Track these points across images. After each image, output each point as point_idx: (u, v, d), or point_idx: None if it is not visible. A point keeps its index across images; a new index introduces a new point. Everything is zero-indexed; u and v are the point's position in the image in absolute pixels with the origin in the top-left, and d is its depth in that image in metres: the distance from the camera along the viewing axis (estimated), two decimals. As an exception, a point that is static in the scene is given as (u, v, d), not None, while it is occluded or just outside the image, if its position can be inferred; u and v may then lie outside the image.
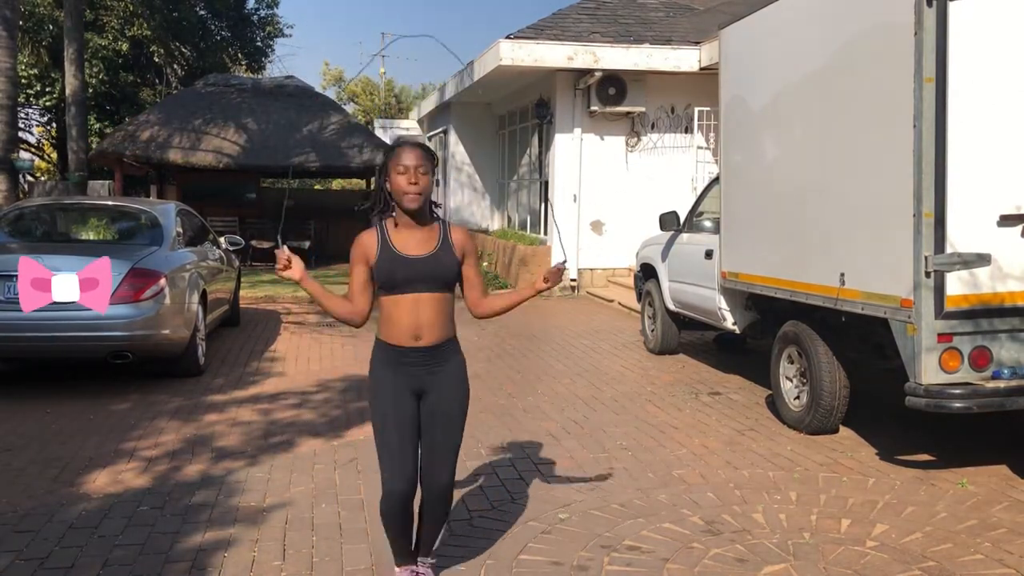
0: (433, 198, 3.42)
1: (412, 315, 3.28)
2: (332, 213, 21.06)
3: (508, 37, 13.34)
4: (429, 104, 21.40)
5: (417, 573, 3.58)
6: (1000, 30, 4.79)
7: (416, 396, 3.37)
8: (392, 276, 3.26)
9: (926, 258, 4.78)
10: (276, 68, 32.93)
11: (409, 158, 3.24)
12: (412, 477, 3.33)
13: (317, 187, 32.31)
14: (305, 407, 6.76)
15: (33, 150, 29.58)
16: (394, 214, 3.35)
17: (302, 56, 79.54)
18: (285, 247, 3.24)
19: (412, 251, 3.29)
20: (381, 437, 3.34)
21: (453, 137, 18.90)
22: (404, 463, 3.31)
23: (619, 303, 12.62)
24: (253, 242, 17.81)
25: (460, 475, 5.12)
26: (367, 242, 3.33)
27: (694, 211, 8.60)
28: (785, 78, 6.32)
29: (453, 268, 3.34)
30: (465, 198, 19.01)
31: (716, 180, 7.86)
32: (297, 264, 3.25)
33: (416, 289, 3.27)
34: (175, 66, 25.46)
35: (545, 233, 14.96)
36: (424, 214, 3.34)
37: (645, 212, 12.61)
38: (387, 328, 3.33)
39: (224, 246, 9.94)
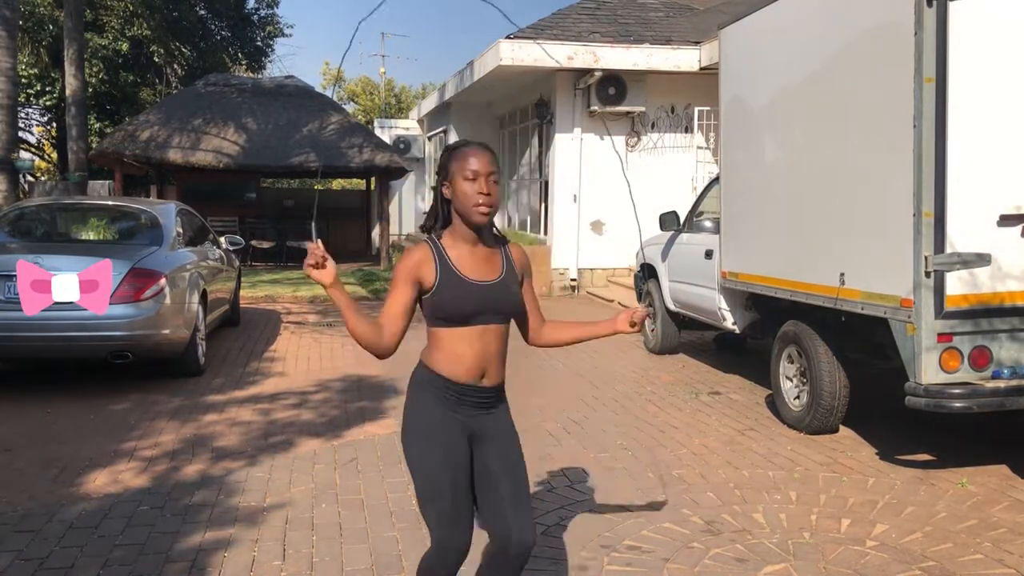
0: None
1: (480, 351, 2.76)
2: (332, 213, 21.08)
3: (508, 37, 13.34)
4: (429, 104, 21.40)
5: None
6: (1000, 30, 4.79)
7: (468, 441, 2.83)
8: (458, 307, 2.71)
9: (926, 258, 4.78)
10: (276, 68, 32.99)
11: (480, 162, 2.72)
12: (471, 532, 2.83)
13: (317, 187, 32.31)
14: (305, 407, 6.76)
15: (33, 150, 29.58)
16: (451, 228, 2.80)
17: (302, 56, 79.49)
18: (319, 241, 2.67)
19: (480, 276, 2.76)
20: (432, 486, 2.76)
21: (453, 137, 18.89)
22: (464, 516, 2.80)
23: (619, 303, 12.62)
24: (253, 242, 17.83)
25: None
26: (421, 260, 2.73)
27: (694, 211, 8.60)
28: (785, 78, 6.32)
29: (519, 296, 2.86)
30: (465, 198, 18.98)
31: (716, 180, 7.86)
32: (331, 265, 2.66)
33: (485, 321, 2.75)
34: (175, 66, 25.46)
35: (545, 233, 14.97)
36: (488, 230, 2.82)
37: (645, 212, 12.61)
38: (446, 363, 2.77)
39: (224, 246, 9.94)
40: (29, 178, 23.29)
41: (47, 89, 24.14)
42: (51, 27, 22.83)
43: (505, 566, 2.86)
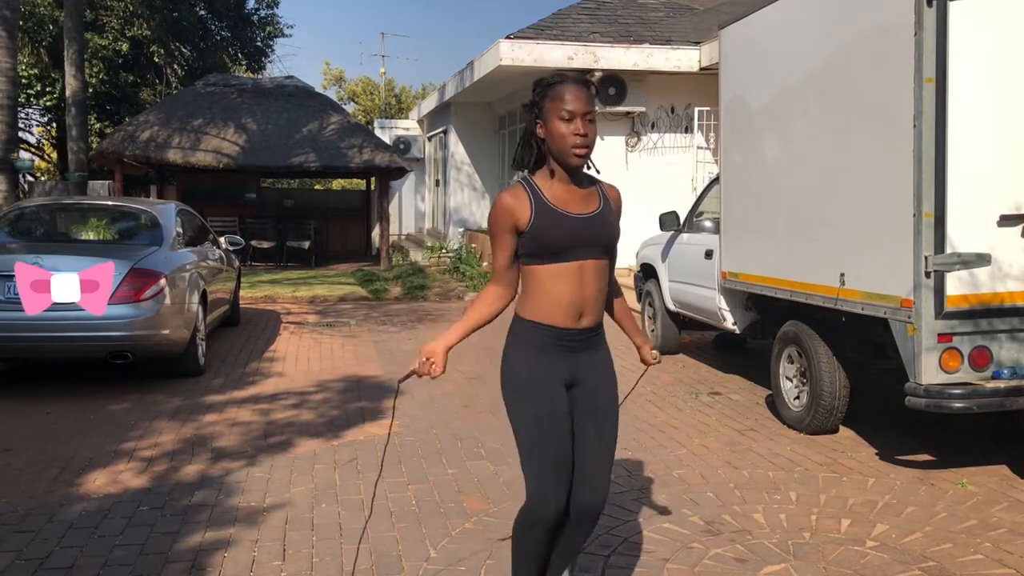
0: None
1: (577, 288, 2.67)
2: (332, 213, 21.09)
3: (508, 37, 13.34)
4: (429, 104, 21.40)
5: None
6: (1000, 30, 4.79)
7: (567, 388, 2.77)
8: (556, 239, 2.64)
9: (926, 258, 4.78)
10: (276, 68, 33.01)
11: (577, 100, 2.62)
12: (566, 494, 2.74)
13: (317, 187, 32.34)
14: (305, 407, 6.76)
15: (33, 150, 29.58)
16: (545, 167, 2.74)
17: (302, 56, 79.60)
18: (432, 360, 2.71)
19: (577, 210, 2.70)
20: (534, 444, 2.69)
21: (453, 137, 18.90)
22: (563, 478, 2.71)
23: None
24: (253, 242, 17.83)
25: (460, 476, 5.13)
26: (514, 203, 2.66)
27: (694, 211, 8.60)
28: (785, 78, 6.32)
29: (617, 229, 2.80)
30: (465, 198, 19.01)
31: (716, 180, 7.86)
32: (440, 359, 2.71)
33: (582, 256, 2.66)
34: (175, 66, 25.48)
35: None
36: (582, 172, 2.76)
37: (645, 212, 12.61)
38: (541, 305, 2.68)
39: (224, 246, 9.94)
40: (29, 178, 23.29)
41: (47, 89, 24.14)
42: (51, 27, 22.84)
43: (572, 524, 2.80)
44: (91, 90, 21.65)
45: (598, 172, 2.80)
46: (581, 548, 2.95)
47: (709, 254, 7.72)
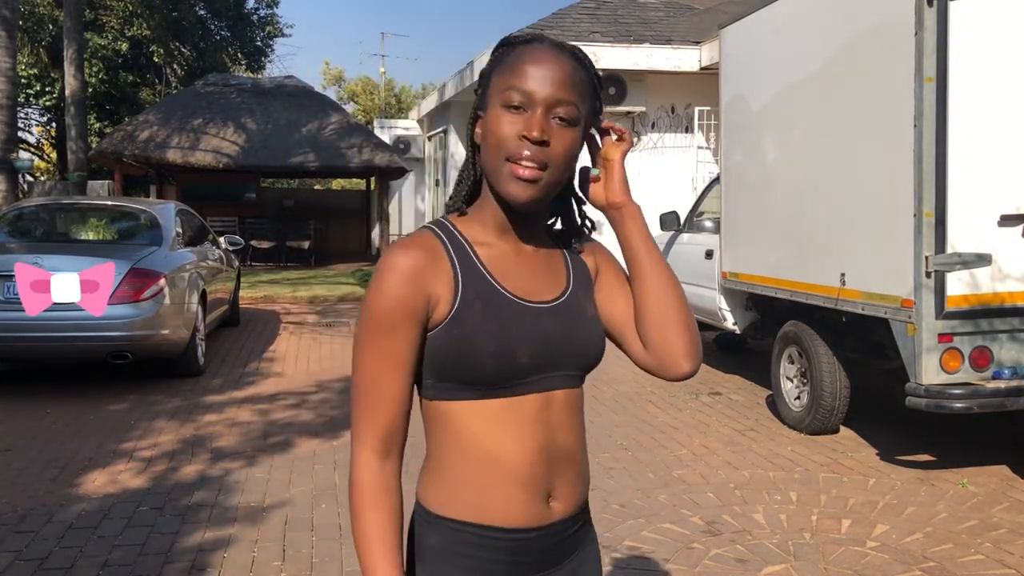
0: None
1: (542, 444, 1.44)
2: (332, 213, 21.08)
3: (508, 37, 13.33)
4: (429, 104, 21.39)
5: None
6: (1001, 30, 4.78)
7: None
8: (507, 351, 1.38)
9: (926, 258, 4.77)
10: (276, 68, 32.93)
11: (542, 77, 1.38)
12: None
13: (317, 187, 32.33)
14: (304, 407, 6.76)
15: (33, 150, 29.58)
16: (481, 200, 1.47)
17: (302, 56, 79.61)
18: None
19: (532, 293, 1.45)
20: None
21: (453, 137, 18.89)
22: None
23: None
24: (253, 242, 17.82)
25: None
26: (419, 265, 1.38)
27: (694, 211, 8.60)
28: (785, 78, 6.31)
29: (599, 327, 1.54)
30: (465, 198, 18.99)
31: (716, 180, 7.86)
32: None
33: (546, 383, 1.43)
34: (175, 66, 25.47)
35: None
36: (539, 216, 1.50)
37: (645, 212, 12.60)
38: (469, 485, 1.43)
39: (224, 246, 9.94)
40: (28, 178, 23.29)
41: (47, 89, 24.14)
42: (51, 27, 22.83)
43: None
44: (91, 90, 21.65)
45: (591, 230, 1.60)
46: None
47: (709, 254, 7.72)
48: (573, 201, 1.57)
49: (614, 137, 1.55)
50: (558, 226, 1.58)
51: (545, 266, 1.50)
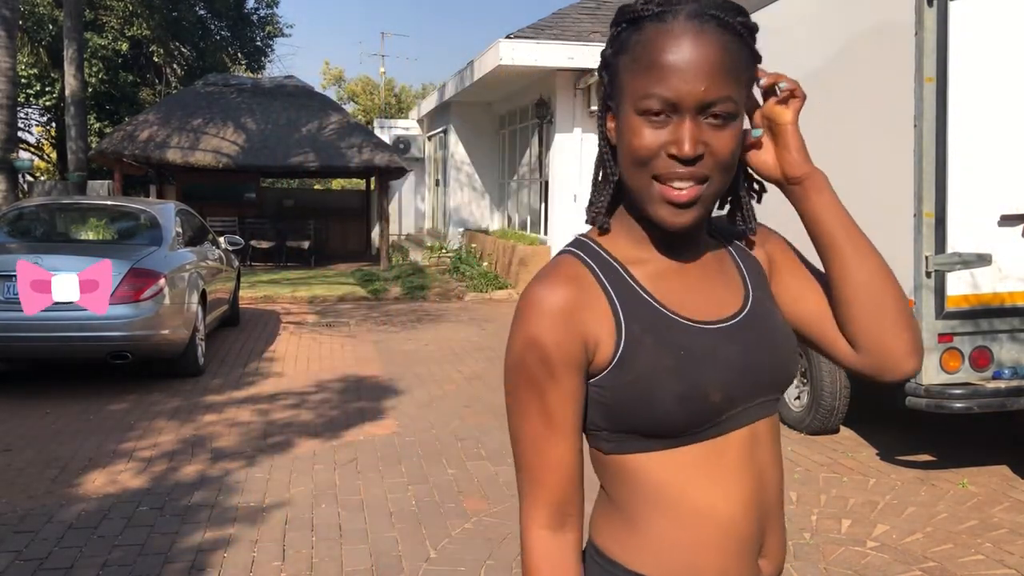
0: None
1: (751, 491, 1.21)
2: (332, 213, 21.08)
3: (508, 37, 13.34)
4: (429, 104, 21.40)
5: None
6: (1001, 30, 4.78)
7: None
8: (696, 389, 1.15)
9: (927, 258, 4.77)
10: (276, 68, 32.94)
11: (687, 69, 1.13)
12: None
13: (317, 187, 32.33)
14: (304, 407, 6.75)
15: (33, 150, 29.58)
16: (622, 210, 1.27)
17: (302, 56, 79.63)
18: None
19: (705, 309, 1.22)
20: None
21: (453, 137, 18.90)
22: None
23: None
24: (252, 242, 17.82)
25: (460, 477, 5.12)
26: (568, 307, 1.14)
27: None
28: (785, 78, 6.31)
29: (791, 334, 1.31)
30: (465, 198, 19.01)
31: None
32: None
33: (745, 416, 1.21)
34: (175, 66, 25.48)
35: (545, 233, 14.96)
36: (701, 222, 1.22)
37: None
38: (679, 547, 1.19)
39: (224, 246, 9.93)
40: (28, 178, 23.29)
41: (47, 89, 24.15)
42: (51, 27, 22.84)
43: None
44: (90, 90, 21.66)
45: (759, 195, 1.38)
46: None
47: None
48: (740, 176, 1.28)
49: (780, 94, 1.30)
50: (719, 212, 1.27)
51: (717, 273, 1.25)
